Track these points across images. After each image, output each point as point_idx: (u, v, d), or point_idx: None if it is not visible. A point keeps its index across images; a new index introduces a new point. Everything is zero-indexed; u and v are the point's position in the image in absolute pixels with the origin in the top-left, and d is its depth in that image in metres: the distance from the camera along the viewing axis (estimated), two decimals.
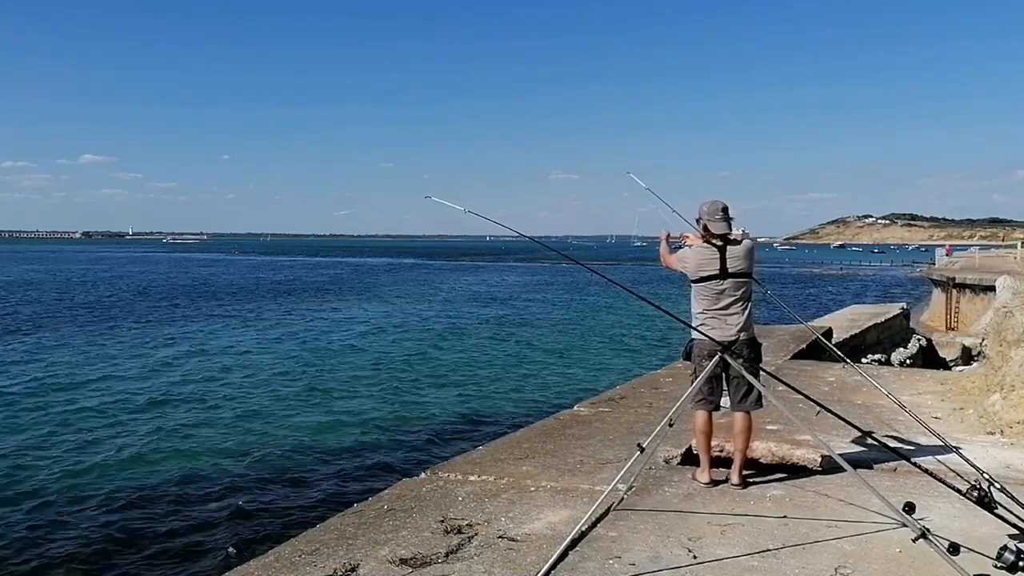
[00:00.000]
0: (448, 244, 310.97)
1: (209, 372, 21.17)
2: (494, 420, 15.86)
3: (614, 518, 4.53)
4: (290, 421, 15.73)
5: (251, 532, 9.78)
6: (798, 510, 4.68)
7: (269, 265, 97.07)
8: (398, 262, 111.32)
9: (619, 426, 6.84)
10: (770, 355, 9.99)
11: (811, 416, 5.58)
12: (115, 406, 16.85)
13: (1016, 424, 6.49)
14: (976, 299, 31.70)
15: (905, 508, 3.38)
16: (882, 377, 9.35)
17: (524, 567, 3.80)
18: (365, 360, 23.47)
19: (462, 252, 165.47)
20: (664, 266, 5.57)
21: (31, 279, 62.41)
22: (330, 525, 4.47)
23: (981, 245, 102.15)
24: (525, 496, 4.93)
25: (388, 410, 16.79)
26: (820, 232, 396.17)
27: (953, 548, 3.11)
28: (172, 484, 11.72)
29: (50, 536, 9.71)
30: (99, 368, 21.45)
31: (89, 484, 11.70)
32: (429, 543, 4.12)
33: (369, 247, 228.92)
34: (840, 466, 4.15)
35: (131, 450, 13.51)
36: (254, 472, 12.31)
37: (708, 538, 4.22)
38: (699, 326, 4.99)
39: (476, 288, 56.43)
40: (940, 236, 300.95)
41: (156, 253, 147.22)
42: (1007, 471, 5.35)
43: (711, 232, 5.06)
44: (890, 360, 16.09)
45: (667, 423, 4.54)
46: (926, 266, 52.26)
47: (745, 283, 5.10)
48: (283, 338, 28.19)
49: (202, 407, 16.94)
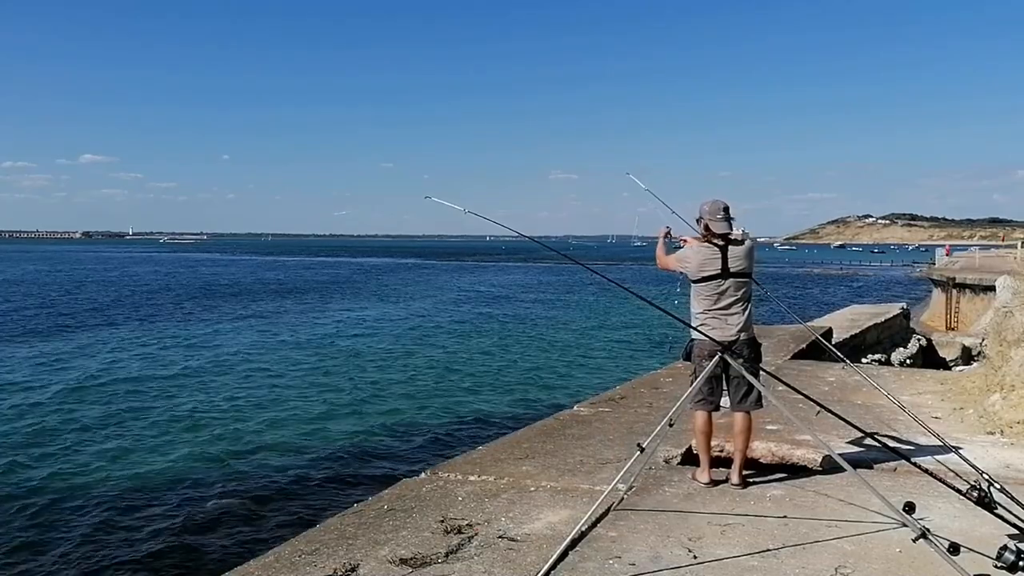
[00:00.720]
0: (448, 244, 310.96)
1: (208, 371, 21.18)
2: (494, 420, 15.86)
3: (614, 518, 4.53)
4: (290, 421, 15.74)
5: (251, 532, 9.78)
6: (798, 510, 4.68)
7: (270, 265, 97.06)
8: (398, 262, 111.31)
9: (619, 426, 6.83)
10: (770, 355, 9.99)
11: (811, 416, 5.58)
12: (114, 405, 16.86)
13: (1016, 424, 6.49)
14: (976, 299, 31.69)
15: (905, 508, 3.38)
16: (882, 377, 9.35)
17: (524, 567, 3.80)
18: (365, 360, 23.48)
19: (462, 252, 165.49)
20: (661, 267, 5.44)
21: (35, 279, 62.40)
22: (330, 525, 4.47)
23: (981, 245, 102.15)
24: (525, 496, 4.92)
25: (388, 410, 16.80)
26: (820, 232, 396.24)
27: (953, 548, 3.11)
28: (171, 483, 11.72)
29: (48, 536, 9.72)
30: (98, 367, 21.46)
31: (88, 483, 11.71)
32: (429, 543, 4.12)
33: (369, 247, 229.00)
34: (840, 466, 4.15)
35: (130, 449, 13.53)
36: (253, 472, 12.32)
37: (708, 538, 4.21)
38: (699, 326, 4.98)
39: (476, 288, 56.43)
40: (940, 236, 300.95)
41: (158, 254, 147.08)
42: (1007, 471, 5.35)
43: (712, 232, 5.05)
44: (890, 360, 16.09)
45: (667, 423, 4.54)
46: (926, 266, 52.24)
47: (746, 283, 5.09)
48: (282, 338, 28.19)
49: (201, 407, 16.94)
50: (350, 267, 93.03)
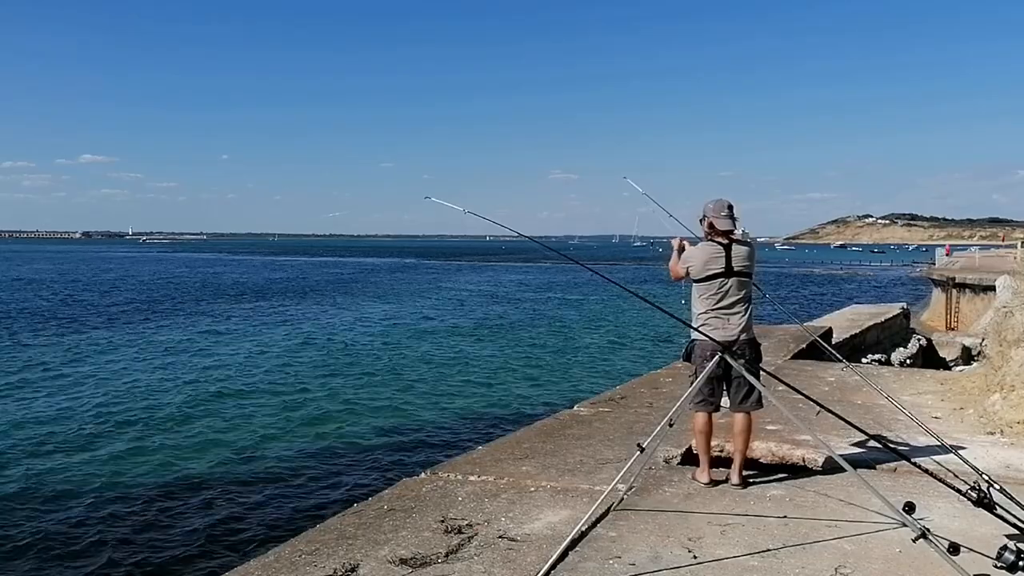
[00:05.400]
0: (448, 244, 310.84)
1: (207, 372, 21.16)
2: (494, 420, 15.86)
3: (614, 518, 4.53)
4: (290, 421, 15.73)
5: (251, 532, 9.78)
6: (798, 510, 4.68)
7: (271, 265, 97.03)
8: (398, 262, 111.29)
9: (619, 426, 6.84)
10: (770, 355, 9.98)
11: (811, 416, 5.58)
12: (112, 405, 16.85)
13: (1016, 424, 6.49)
14: (976, 299, 31.69)
15: (905, 508, 3.38)
16: (882, 377, 9.36)
17: (524, 567, 3.80)
18: (365, 360, 23.47)
19: (462, 252, 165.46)
20: (674, 278, 5.27)
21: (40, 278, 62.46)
22: (330, 525, 4.47)
23: (981, 245, 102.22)
24: (525, 496, 4.93)
25: (388, 410, 16.80)
26: (820, 232, 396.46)
27: (953, 548, 3.11)
28: (171, 483, 11.72)
29: (49, 536, 9.70)
30: (92, 366, 21.45)
31: (88, 483, 11.70)
32: (429, 543, 4.12)
33: (369, 247, 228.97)
34: (840, 466, 4.15)
35: (130, 449, 13.52)
36: (253, 472, 12.31)
37: (708, 538, 4.22)
38: (701, 326, 4.97)
39: (476, 288, 56.42)
40: (940, 236, 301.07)
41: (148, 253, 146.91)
42: (1007, 471, 5.35)
43: (717, 229, 5.05)
44: (890, 360, 16.06)
45: (667, 423, 4.54)
46: (926, 266, 52.23)
47: (747, 283, 5.10)
48: (282, 338, 28.18)
49: (201, 407, 16.93)
50: (350, 267, 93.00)
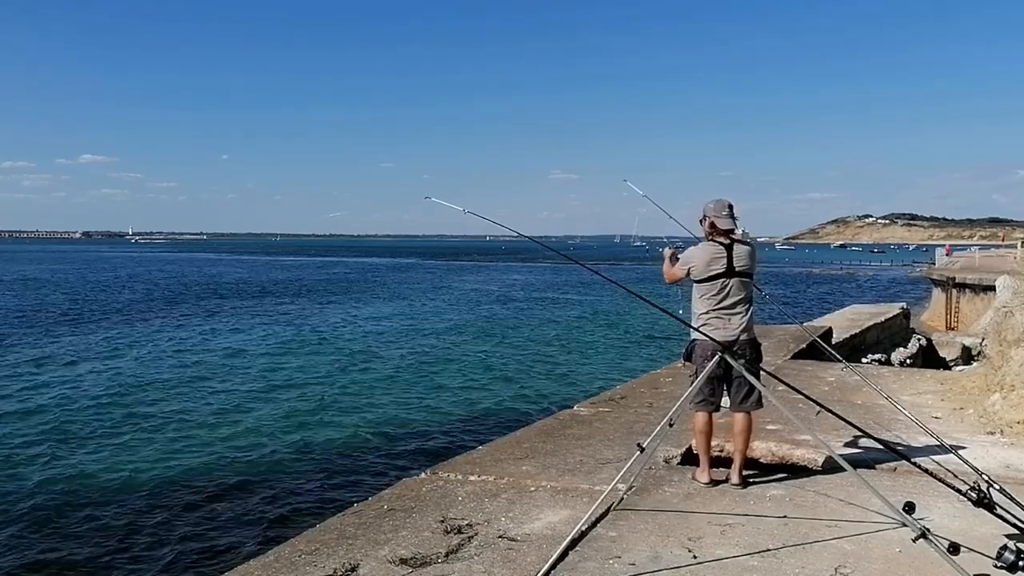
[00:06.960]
0: (448, 244, 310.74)
1: (206, 371, 21.17)
2: (494, 420, 15.86)
3: (614, 518, 4.53)
4: (290, 421, 15.72)
5: (251, 532, 9.78)
6: (798, 510, 4.68)
7: (271, 265, 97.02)
8: (398, 262, 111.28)
9: (619, 426, 6.84)
10: (770, 355, 9.98)
11: (811, 416, 5.58)
12: (111, 404, 16.86)
13: (1016, 424, 6.49)
14: (976, 299, 31.68)
15: (905, 508, 3.38)
16: (882, 377, 9.36)
17: (524, 567, 3.80)
18: (365, 359, 23.47)
19: (462, 252, 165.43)
20: (669, 281, 5.37)
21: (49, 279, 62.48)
22: (330, 525, 4.47)
23: (981, 245, 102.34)
24: (525, 496, 4.93)
25: (388, 410, 16.79)
26: (820, 232, 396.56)
27: (953, 548, 3.11)
28: (171, 483, 11.71)
29: (46, 536, 9.71)
30: (89, 366, 21.46)
31: (87, 483, 11.70)
32: (429, 543, 4.12)
33: (370, 247, 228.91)
34: (840, 466, 4.15)
35: (129, 449, 13.52)
36: (253, 472, 12.31)
37: (708, 538, 4.22)
38: (701, 326, 4.97)
39: (476, 288, 56.42)
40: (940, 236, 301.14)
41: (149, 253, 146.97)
42: (1007, 471, 5.35)
43: (718, 229, 5.05)
44: (890, 360, 16.06)
45: (667, 423, 4.54)
46: (926, 266, 52.27)
47: (748, 283, 5.10)
48: (283, 339, 28.17)
49: (201, 406, 16.93)
50: (351, 267, 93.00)
